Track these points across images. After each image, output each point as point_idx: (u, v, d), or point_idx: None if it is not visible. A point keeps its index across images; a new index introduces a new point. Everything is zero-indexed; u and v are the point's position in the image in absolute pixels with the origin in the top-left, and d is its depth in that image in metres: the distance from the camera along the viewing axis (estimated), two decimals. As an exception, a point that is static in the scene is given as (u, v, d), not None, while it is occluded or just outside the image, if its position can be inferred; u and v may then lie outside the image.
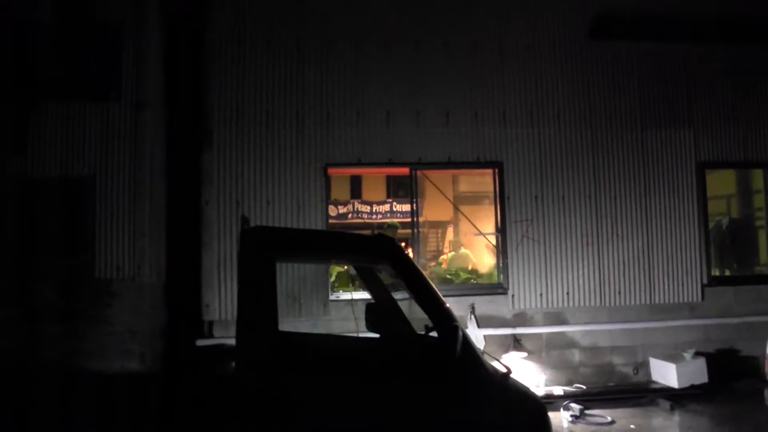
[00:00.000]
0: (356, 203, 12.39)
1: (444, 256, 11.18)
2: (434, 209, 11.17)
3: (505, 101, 8.59)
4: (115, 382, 5.52)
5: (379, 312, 4.79)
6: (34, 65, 7.96)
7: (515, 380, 4.45)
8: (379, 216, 12.12)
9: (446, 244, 12.32)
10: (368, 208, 12.41)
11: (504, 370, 4.33)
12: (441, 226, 12.66)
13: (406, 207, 11.61)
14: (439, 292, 4.20)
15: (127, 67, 8.09)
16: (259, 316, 3.89)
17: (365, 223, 12.22)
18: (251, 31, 8.29)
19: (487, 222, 9.18)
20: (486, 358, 4.36)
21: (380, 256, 4.44)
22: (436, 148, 8.44)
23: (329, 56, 8.37)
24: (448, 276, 9.07)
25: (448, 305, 4.16)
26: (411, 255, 9.06)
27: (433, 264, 10.61)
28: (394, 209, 12.38)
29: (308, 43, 8.36)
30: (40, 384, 5.62)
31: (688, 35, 8.90)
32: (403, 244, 9.73)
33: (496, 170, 8.56)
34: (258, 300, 3.91)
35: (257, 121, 8.18)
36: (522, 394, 4.40)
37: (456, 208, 8.74)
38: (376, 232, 10.68)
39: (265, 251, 4.03)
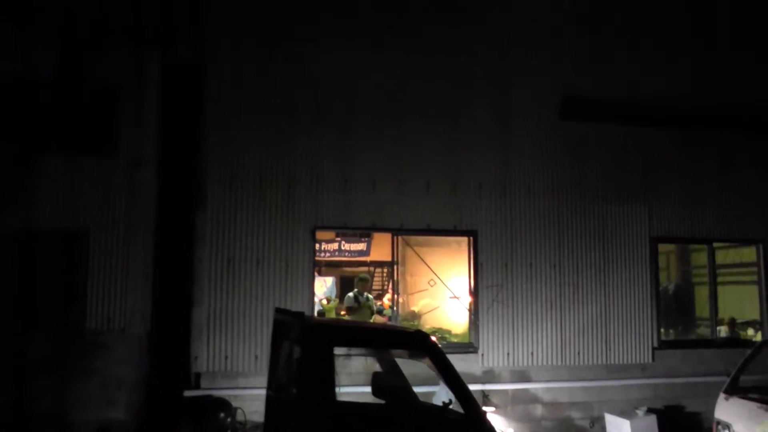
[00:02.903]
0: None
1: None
2: (381, 249, 11.67)
3: (481, 173, 9.32)
4: None
5: (386, 380, 5.42)
6: (33, 118, 8.22)
7: None
8: (327, 254, 12.36)
9: (389, 284, 12.82)
10: (317, 246, 12.61)
11: None
12: (387, 265, 13.09)
13: (355, 246, 12.23)
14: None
15: (124, 125, 8.50)
16: (323, 392, 4.62)
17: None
18: (247, 95, 8.72)
19: (444, 269, 9.79)
20: None
21: (420, 350, 5.22)
22: (417, 215, 9.07)
23: (320, 124, 8.89)
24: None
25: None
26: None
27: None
28: (343, 248, 12.65)
29: (301, 110, 8.85)
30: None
31: (645, 120, 9.89)
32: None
33: (471, 238, 9.25)
34: (322, 379, 4.65)
35: (250, 183, 8.62)
36: None
37: (434, 275, 9.37)
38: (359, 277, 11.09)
39: (328, 344, 4.83)
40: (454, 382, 4.88)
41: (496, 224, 9.28)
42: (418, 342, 5.16)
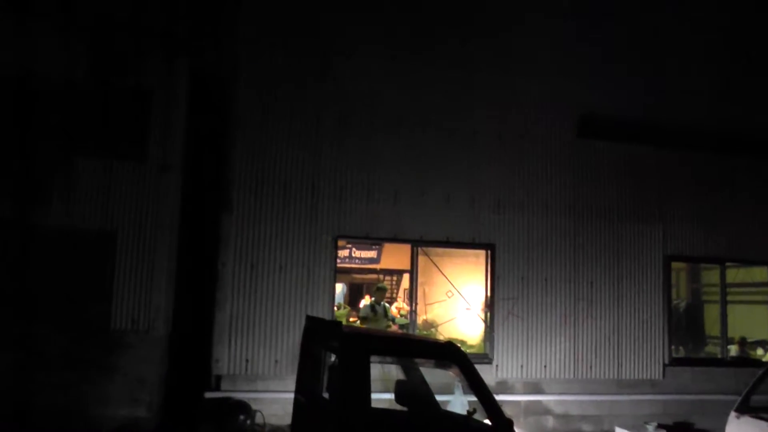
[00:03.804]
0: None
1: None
2: (391, 257, 11.94)
3: (500, 188, 9.52)
4: None
5: (408, 388, 5.59)
6: (65, 121, 8.44)
7: None
8: (338, 261, 12.51)
9: (401, 291, 12.96)
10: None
11: None
12: (397, 273, 13.34)
13: (366, 254, 12.47)
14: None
15: (154, 129, 8.69)
16: (359, 398, 4.81)
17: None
18: (274, 104, 8.91)
19: (460, 280, 9.94)
20: None
21: (448, 359, 5.45)
22: (437, 227, 9.25)
23: (345, 134, 9.09)
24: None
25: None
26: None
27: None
28: (354, 255, 12.82)
29: (327, 119, 9.05)
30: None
31: (661, 141, 10.09)
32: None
33: (489, 251, 9.43)
34: (359, 387, 4.83)
35: (275, 191, 8.81)
36: None
37: (452, 286, 9.55)
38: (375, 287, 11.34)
39: (366, 353, 5.02)
40: (483, 392, 5.09)
41: (514, 238, 9.46)
42: (449, 352, 5.35)
